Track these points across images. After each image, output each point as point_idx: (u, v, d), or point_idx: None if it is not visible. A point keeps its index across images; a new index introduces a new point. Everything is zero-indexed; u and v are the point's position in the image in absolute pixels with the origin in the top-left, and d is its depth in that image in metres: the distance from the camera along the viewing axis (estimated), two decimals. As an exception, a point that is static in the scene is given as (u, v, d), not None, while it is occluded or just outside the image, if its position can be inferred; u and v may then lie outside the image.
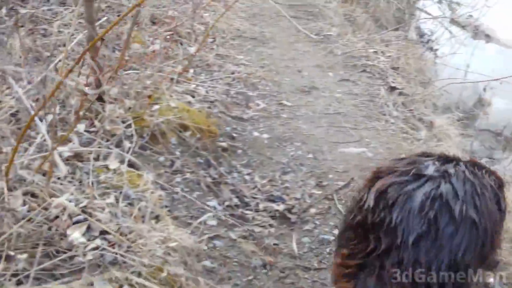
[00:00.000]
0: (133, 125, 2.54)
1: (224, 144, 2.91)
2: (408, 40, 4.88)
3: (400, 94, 3.87)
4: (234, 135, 3.04)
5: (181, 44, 3.82)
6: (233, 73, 3.64)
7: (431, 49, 5.13)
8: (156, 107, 2.70)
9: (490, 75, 6.26)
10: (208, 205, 2.49)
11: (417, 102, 3.83)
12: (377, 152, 3.14)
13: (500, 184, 2.11)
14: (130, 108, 2.64)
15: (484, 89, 4.93)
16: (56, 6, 3.79)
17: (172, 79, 3.08)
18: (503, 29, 7.85)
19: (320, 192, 2.81)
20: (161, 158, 2.58)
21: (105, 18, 3.32)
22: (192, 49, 3.77)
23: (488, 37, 7.84)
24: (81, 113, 2.55)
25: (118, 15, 3.65)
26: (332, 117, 3.47)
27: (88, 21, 2.12)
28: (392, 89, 3.92)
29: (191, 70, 3.51)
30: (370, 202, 1.76)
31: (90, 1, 1.98)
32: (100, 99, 2.63)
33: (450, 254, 1.58)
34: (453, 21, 8.54)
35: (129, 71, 3.05)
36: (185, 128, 2.75)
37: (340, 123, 3.40)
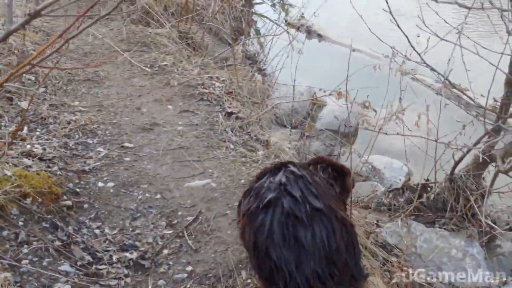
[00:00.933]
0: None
1: (68, 202, 2.92)
2: (238, 63, 5.18)
3: (237, 118, 4.15)
4: (78, 190, 3.06)
5: (11, 99, 3.70)
6: (69, 122, 3.62)
7: (259, 69, 5.51)
8: (-10, 183, 2.64)
9: (322, 76, 6.91)
10: (60, 271, 2.52)
11: (253, 124, 4.12)
12: (220, 182, 3.36)
13: (338, 170, 2.64)
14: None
15: (314, 97, 5.40)
16: None
17: (4, 143, 2.99)
18: (332, 27, 8.64)
19: (171, 231, 2.96)
20: (4, 233, 2.54)
21: None
22: (24, 104, 3.68)
23: (320, 36, 8.59)
24: None
25: None
26: (176, 152, 3.62)
27: None
28: (229, 114, 4.18)
29: (25, 128, 3.43)
30: (251, 254, 2.24)
31: None
32: None
33: (320, 253, 2.09)
34: (288, 24, 9.23)
35: (-46, 143, 2.92)
36: (25, 195, 2.72)
37: (184, 158, 3.57)
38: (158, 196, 3.18)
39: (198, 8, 7.51)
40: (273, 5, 10.03)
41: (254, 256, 2.18)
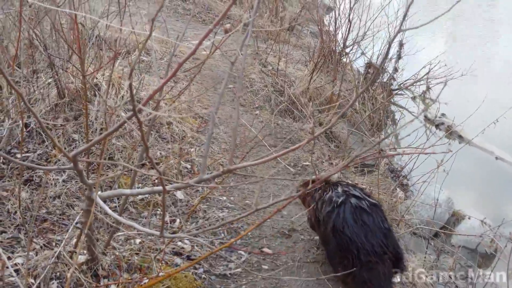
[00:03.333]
0: (124, 304, 2.68)
1: (209, 311, 3.05)
2: (381, 174, 5.15)
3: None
4: (218, 296, 3.19)
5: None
6: (217, 220, 3.83)
7: (401, 184, 5.43)
8: (145, 280, 2.85)
9: (461, 184, 6.61)
10: None
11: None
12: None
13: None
14: (122, 283, 2.79)
15: (451, 215, 5.18)
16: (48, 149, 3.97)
17: (163, 241, 3.24)
18: (473, 129, 8.26)
19: None
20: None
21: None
22: (179, 194, 3.98)
23: (461, 138, 8.24)
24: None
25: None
26: (311, 267, 3.65)
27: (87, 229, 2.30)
28: (367, 229, 4.13)
29: (177, 220, 3.69)
30: (331, 237, 3.24)
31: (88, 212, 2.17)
32: (94, 273, 2.79)
33: (379, 231, 3.14)
34: (427, 120, 9.04)
35: (119, 234, 3.22)
36: (173, 299, 2.90)
37: (318, 274, 3.57)
38: (291, 316, 3.20)
39: (341, 100, 7.70)
40: (414, 98, 9.91)
41: (334, 236, 3.19)
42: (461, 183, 6.75)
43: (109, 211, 1.97)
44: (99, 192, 2.11)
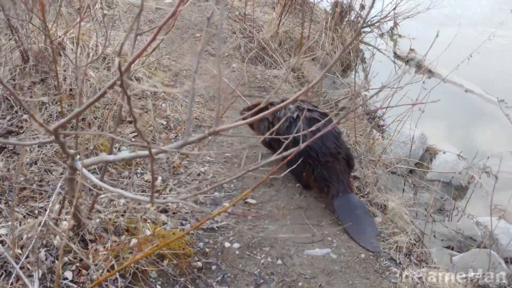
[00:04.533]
0: (115, 267, 2.67)
1: (199, 264, 3.08)
2: (357, 116, 5.17)
3: (355, 178, 4.15)
4: (207, 250, 3.21)
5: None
6: (199, 174, 3.81)
7: (378, 125, 5.47)
8: (134, 240, 2.85)
9: (432, 117, 6.71)
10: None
11: (369, 184, 4.11)
12: (340, 253, 3.39)
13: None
14: (111, 245, 2.78)
15: (425, 151, 5.27)
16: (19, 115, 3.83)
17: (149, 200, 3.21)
18: (444, 63, 8.28)
19: (292, 303, 3.03)
20: (147, 299, 2.74)
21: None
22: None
23: (430, 73, 8.28)
24: (66, 258, 2.69)
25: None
26: (295, 213, 3.70)
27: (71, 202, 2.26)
28: (347, 173, 4.19)
29: (159, 178, 3.66)
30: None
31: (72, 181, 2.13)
32: (81, 239, 2.77)
33: (333, 138, 3.78)
34: (396, 56, 9.06)
35: (102, 196, 3.18)
36: (162, 257, 2.91)
37: (303, 220, 3.64)
38: (279, 261, 3.26)
39: (311, 43, 7.60)
40: (382, 35, 9.87)
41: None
42: (433, 118, 6.85)
43: (95, 180, 1.92)
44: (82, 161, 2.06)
